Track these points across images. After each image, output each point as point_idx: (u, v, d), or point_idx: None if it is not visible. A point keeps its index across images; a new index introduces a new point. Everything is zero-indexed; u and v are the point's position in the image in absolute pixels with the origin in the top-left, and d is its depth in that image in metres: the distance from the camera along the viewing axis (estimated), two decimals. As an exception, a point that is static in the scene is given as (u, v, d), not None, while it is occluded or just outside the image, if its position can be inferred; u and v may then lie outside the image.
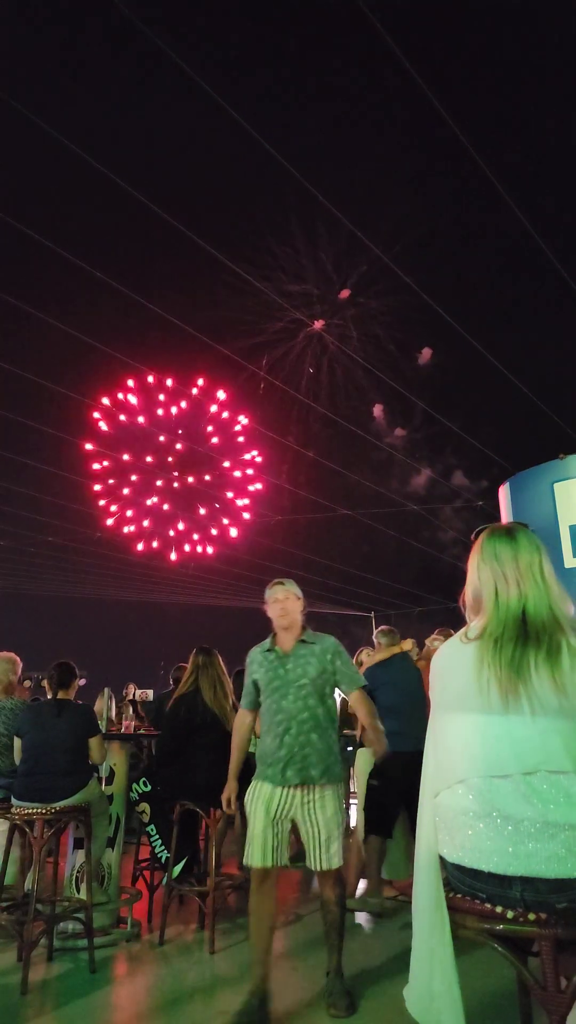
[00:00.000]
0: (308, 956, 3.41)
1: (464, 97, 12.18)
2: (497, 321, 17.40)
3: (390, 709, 4.36)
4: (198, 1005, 2.85)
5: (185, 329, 10.81)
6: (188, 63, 6.40)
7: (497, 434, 15.96)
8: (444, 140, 8.28)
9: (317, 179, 8.26)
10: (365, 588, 19.96)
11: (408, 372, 18.50)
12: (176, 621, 22.84)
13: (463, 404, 18.30)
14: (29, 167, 15.11)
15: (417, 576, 19.55)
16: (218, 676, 4.01)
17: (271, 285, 14.85)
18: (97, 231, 16.47)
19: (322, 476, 17.64)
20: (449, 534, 17.54)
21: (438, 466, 17.76)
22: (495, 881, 1.47)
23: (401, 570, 19.55)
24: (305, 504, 18.63)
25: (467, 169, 9.38)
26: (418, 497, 17.65)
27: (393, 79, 11.35)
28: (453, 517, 17.86)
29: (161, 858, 3.93)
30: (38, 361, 12.94)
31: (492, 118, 12.56)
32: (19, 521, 15.46)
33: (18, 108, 7.02)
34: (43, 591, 21.22)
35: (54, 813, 3.36)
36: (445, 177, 15.88)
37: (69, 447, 15.60)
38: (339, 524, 18.51)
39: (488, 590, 1.68)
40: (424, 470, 17.47)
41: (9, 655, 4.31)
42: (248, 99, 12.88)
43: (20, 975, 3.02)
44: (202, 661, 4.04)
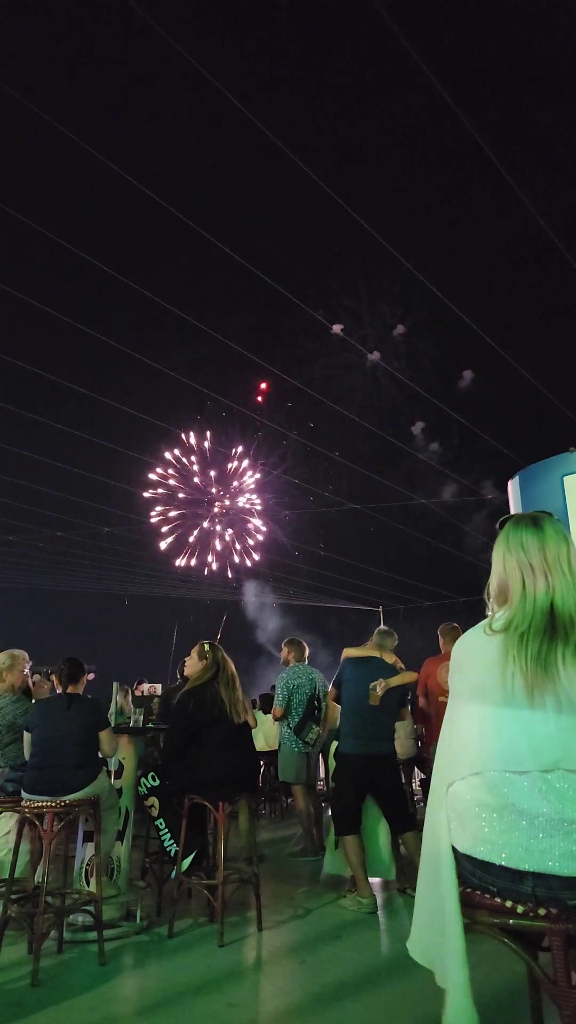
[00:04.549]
0: (317, 950, 3.42)
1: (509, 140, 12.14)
2: (504, 313, 17.28)
3: (348, 709, 4.36)
4: (208, 998, 2.85)
5: (260, 363, 11.50)
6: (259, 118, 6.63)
7: (506, 427, 15.88)
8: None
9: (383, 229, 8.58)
10: (374, 583, 19.96)
11: (413, 366, 18.39)
12: (185, 616, 22.89)
13: (471, 398, 18.19)
14: (138, 230, 15.36)
15: (426, 571, 19.51)
16: (230, 669, 4.01)
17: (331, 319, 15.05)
18: (187, 282, 16.86)
19: (336, 472, 17.65)
20: (458, 528, 17.45)
21: (446, 459, 17.66)
22: (507, 875, 1.46)
23: (410, 565, 19.51)
24: (317, 500, 18.64)
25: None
26: (427, 491, 17.57)
27: (450, 135, 11.35)
28: (462, 511, 17.76)
29: (170, 852, 3.94)
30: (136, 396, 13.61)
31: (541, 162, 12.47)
32: (31, 517, 15.64)
33: (138, 187, 7.30)
34: (55, 586, 21.37)
35: (64, 806, 3.37)
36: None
37: (83, 444, 15.77)
38: (347, 518, 18.50)
39: (514, 581, 1.64)
40: (432, 463, 17.37)
41: (14, 651, 4.31)
42: (325, 160, 13.22)
43: (31, 967, 3.03)
44: (221, 656, 4.04)
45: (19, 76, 11.97)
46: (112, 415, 14.54)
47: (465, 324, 10.19)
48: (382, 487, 16.84)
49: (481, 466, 15.78)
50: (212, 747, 3.79)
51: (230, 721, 3.85)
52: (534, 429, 14.95)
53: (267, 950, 3.45)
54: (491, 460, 13.98)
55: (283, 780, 5.95)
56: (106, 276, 9.26)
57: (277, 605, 22.74)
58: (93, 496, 16.37)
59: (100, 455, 15.72)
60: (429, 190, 17.76)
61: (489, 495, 15.75)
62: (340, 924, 3.79)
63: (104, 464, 16.06)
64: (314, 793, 5.96)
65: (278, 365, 13.78)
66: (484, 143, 6.57)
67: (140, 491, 18.19)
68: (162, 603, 24.29)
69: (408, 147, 17.29)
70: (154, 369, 12.17)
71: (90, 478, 15.45)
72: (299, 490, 19.27)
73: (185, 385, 13.16)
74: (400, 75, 9.95)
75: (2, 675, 4.21)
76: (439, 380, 17.76)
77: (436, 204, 17.88)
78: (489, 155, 6.62)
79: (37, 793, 3.44)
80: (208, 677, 3.95)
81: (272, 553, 19.99)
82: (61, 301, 13.00)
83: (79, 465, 15.29)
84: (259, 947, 3.47)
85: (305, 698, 5.74)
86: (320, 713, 5.91)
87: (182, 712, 3.88)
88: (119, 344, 11.29)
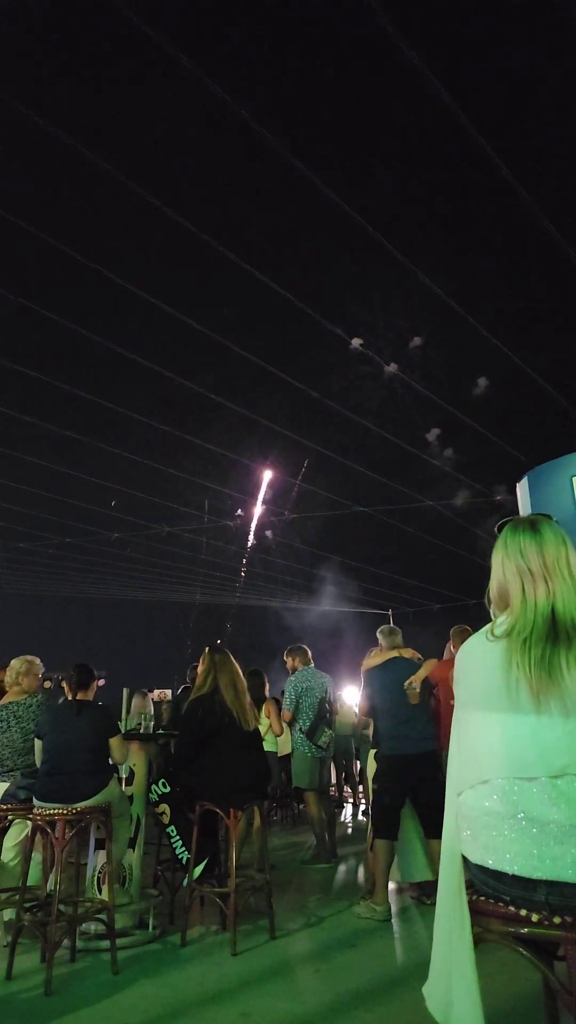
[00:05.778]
0: (331, 959, 3.39)
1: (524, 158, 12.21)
2: (510, 312, 17.23)
3: (386, 712, 4.34)
4: (221, 1007, 2.84)
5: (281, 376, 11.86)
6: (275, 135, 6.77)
7: (514, 427, 15.81)
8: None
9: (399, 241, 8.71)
10: (383, 586, 19.90)
11: (419, 365, 18.37)
12: (196, 620, 22.98)
13: (479, 397, 18.13)
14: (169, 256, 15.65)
15: (435, 573, 19.43)
16: (235, 675, 3.98)
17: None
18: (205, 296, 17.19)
19: (342, 474, 17.65)
20: (467, 530, 17.38)
21: (454, 460, 17.61)
22: (520, 884, 1.44)
23: (420, 568, 19.44)
24: (324, 502, 18.64)
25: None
26: (435, 493, 17.52)
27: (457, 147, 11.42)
28: (472, 513, 17.69)
29: (182, 859, 3.93)
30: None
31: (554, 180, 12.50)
32: (43, 524, 15.78)
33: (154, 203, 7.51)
34: (61, 592, 21.48)
35: (75, 814, 3.37)
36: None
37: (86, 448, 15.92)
38: (357, 521, 18.47)
39: (514, 587, 1.63)
40: (440, 464, 17.32)
41: (28, 657, 4.34)
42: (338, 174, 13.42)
43: (44, 976, 3.03)
44: (219, 660, 4.02)
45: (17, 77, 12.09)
46: (132, 427, 14.64)
47: (475, 329, 10.17)
48: (392, 491, 16.84)
49: (495, 470, 15.73)
50: (222, 754, 3.78)
51: (240, 728, 3.84)
52: (544, 432, 14.89)
53: (281, 959, 3.42)
54: (502, 463, 13.94)
55: (296, 786, 5.93)
56: (146, 303, 9.50)
57: (286, 609, 22.75)
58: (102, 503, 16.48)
59: (107, 461, 15.80)
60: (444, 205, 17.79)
61: (499, 496, 15.69)
62: (354, 932, 3.77)
63: (113, 471, 16.15)
64: (327, 799, 5.93)
65: (297, 377, 13.92)
66: (500, 162, 6.60)
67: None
68: (172, 608, 24.38)
69: (421, 162, 17.34)
70: (183, 386, 12.40)
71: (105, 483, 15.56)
72: (308, 493, 19.28)
73: (212, 401, 13.33)
74: (414, 91, 9.99)
75: (19, 680, 4.23)
76: (451, 387, 17.72)
77: (450, 215, 17.93)
78: (504, 171, 6.66)
79: (48, 800, 3.44)
80: (211, 684, 3.93)
81: (279, 556, 19.99)
82: (92, 322, 13.23)
83: (90, 471, 15.41)
84: (272, 956, 3.45)
85: (316, 701, 5.72)
86: (332, 716, 5.89)
87: (191, 719, 3.87)
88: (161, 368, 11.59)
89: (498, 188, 8.29)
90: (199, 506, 18.36)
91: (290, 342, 16.44)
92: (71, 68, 14.25)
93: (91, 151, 7.14)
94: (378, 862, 4.06)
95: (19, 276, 12.78)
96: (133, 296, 9.29)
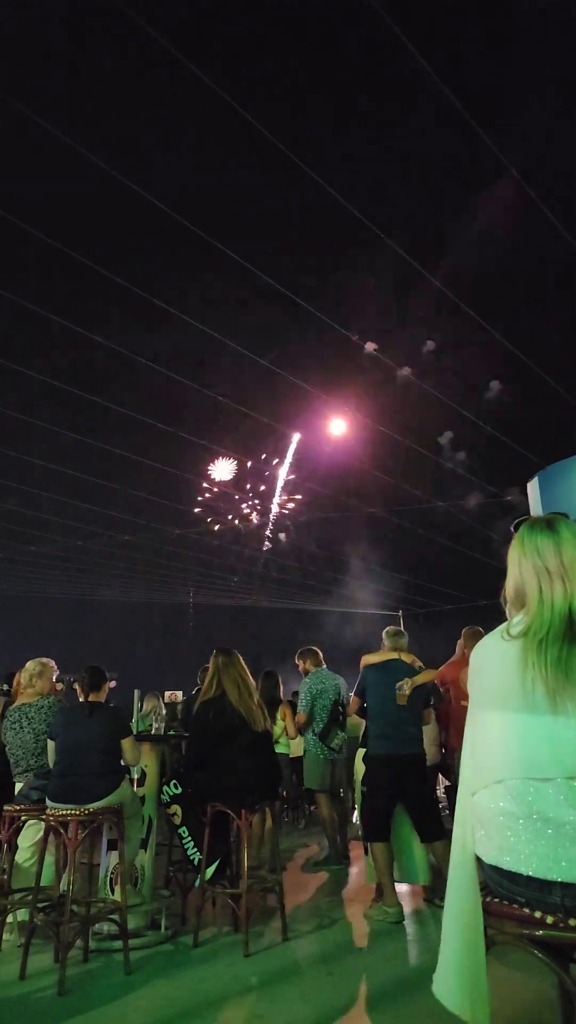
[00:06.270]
0: (344, 961, 3.38)
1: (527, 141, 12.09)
2: (520, 311, 17.12)
3: (375, 712, 4.32)
4: (234, 1009, 2.84)
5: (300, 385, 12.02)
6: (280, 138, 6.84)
7: (525, 426, 15.74)
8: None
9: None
10: (393, 587, 19.85)
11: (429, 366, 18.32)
12: (208, 622, 23.03)
13: (495, 406, 18.07)
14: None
15: (446, 574, 19.35)
16: (240, 676, 3.97)
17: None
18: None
19: (351, 475, 17.64)
20: (477, 530, 17.30)
21: (465, 460, 17.55)
22: (535, 885, 1.43)
23: (429, 568, 19.37)
24: (334, 504, 18.62)
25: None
26: (446, 494, 17.46)
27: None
28: (481, 512, 17.61)
29: (193, 860, 3.93)
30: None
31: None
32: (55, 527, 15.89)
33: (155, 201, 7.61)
34: (73, 595, 21.59)
35: (88, 814, 3.38)
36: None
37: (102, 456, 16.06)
38: (366, 522, 18.44)
39: (531, 587, 1.61)
40: (450, 465, 17.27)
41: (43, 659, 4.36)
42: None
43: (57, 976, 3.04)
44: (222, 663, 4.01)
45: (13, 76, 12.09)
46: (159, 437, 14.79)
47: (487, 333, 10.17)
48: (402, 493, 16.81)
49: (506, 471, 15.67)
50: (233, 755, 3.78)
51: (250, 729, 3.84)
52: (556, 433, 14.83)
53: (293, 960, 3.41)
54: (515, 465, 13.88)
55: (308, 787, 5.93)
56: (164, 312, 9.70)
57: (297, 610, 22.73)
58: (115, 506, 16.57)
59: (128, 466, 15.92)
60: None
61: (509, 497, 15.61)
62: (366, 934, 3.76)
63: (123, 473, 16.24)
64: (339, 800, 5.92)
65: (310, 381, 14.01)
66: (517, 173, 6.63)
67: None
68: (181, 609, 24.42)
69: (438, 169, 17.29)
70: (200, 391, 12.57)
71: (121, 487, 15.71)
72: (319, 497, 19.28)
73: (228, 407, 13.49)
74: (429, 103, 9.94)
75: (33, 682, 4.25)
76: (464, 390, 17.66)
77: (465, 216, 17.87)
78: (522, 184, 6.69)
79: (61, 801, 3.46)
80: (216, 687, 3.93)
81: (291, 558, 20.00)
82: (107, 330, 13.33)
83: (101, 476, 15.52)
84: (285, 957, 3.44)
85: (329, 703, 5.71)
86: (345, 719, 5.88)
87: (202, 721, 3.87)
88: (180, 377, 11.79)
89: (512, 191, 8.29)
90: (214, 509, 18.44)
91: (306, 346, 16.47)
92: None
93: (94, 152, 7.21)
94: (377, 865, 4.05)
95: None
96: (167, 312, 9.42)
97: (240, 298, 16.00)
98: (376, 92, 15.54)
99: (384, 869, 4.01)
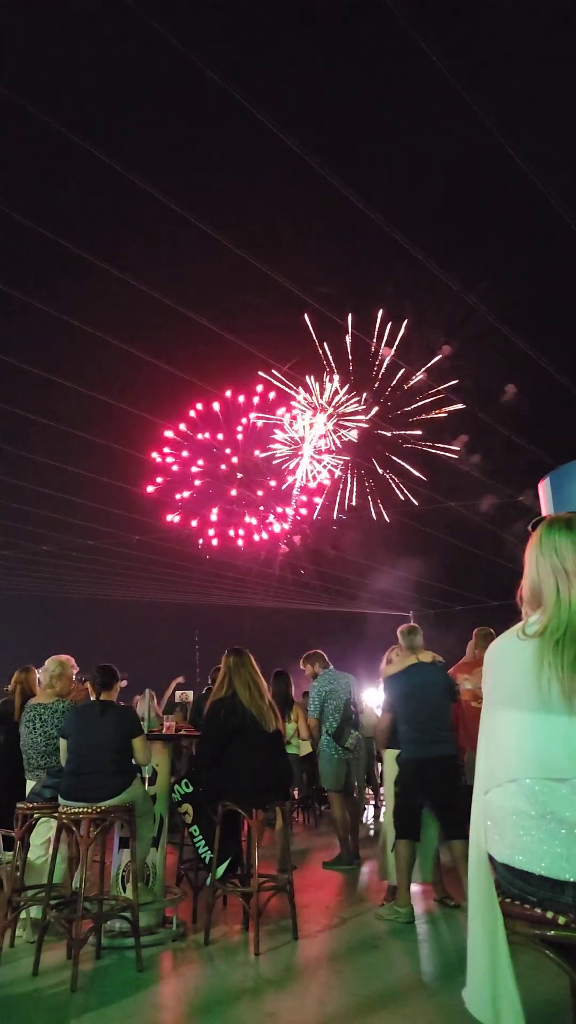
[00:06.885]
0: (355, 960, 3.38)
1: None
2: (530, 309, 17.03)
3: (406, 718, 4.32)
4: (245, 1007, 2.85)
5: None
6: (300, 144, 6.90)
7: (535, 426, 15.65)
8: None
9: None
10: (403, 588, 19.79)
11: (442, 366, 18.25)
12: (218, 622, 23.07)
13: (510, 407, 17.97)
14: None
15: (457, 575, 19.28)
16: (251, 676, 3.98)
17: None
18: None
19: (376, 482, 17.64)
20: (489, 532, 17.22)
21: (475, 461, 17.47)
22: (547, 885, 1.43)
23: (440, 569, 19.30)
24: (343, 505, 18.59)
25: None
26: (457, 494, 17.40)
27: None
28: (492, 512, 17.52)
29: (204, 859, 3.95)
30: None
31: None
32: (67, 528, 16.00)
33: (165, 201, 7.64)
34: (83, 594, 21.71)
35: (100, 812, 3.41)
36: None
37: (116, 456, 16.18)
38: (379, 523, 18.41)
39: (548, 586, 1.60)
40: (461, 466, 17.20)
41: (62, 657, 4.36)
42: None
43: (70, 972, 3.06)
44: (233, 663, 4.02)
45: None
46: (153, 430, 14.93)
47: (502, 335, 10.14)
48: (415, 494, 16.79)
49: (520, 473, 15.60)
50: (244, 754, 3.79)
51: (261, 728, 3.85)
52: (570, 434, 14.76)
53: (304, 959, 3.42)
54: (530, 466, 13.82)
55: (323, 786, 5.94)
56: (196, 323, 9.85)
57: (309, 611, 22.72)
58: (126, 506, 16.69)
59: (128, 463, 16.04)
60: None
61: (520, 497, 15.53)
62: (377, 934, 3.75)
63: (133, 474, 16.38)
64: (351, 801, 5.92)
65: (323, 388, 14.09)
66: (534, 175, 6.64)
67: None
68: (193, 609, 24.50)
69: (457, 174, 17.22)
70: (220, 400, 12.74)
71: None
72: (330, 499, 19.27)
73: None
74: (449, 110, 9.88)
75: (52, 682, 4.27)
76: (480, 393, 17.58)
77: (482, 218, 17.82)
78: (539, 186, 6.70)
79: (73, 799, 3.48)
80: (227, 687, 3.94)
81: (305, 560, 19.99)
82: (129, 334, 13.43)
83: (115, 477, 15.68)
84: (295, 956, 3.45)
85: (341, 703, 5.71)
86: (358, 717, 5.87)
87: (214, 720, 3.89)
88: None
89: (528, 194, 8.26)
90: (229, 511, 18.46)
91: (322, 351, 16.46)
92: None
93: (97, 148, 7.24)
94: (399, 864, 4.04)
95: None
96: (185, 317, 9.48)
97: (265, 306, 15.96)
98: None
99: (404, 868, 4.01)
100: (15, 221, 8.73)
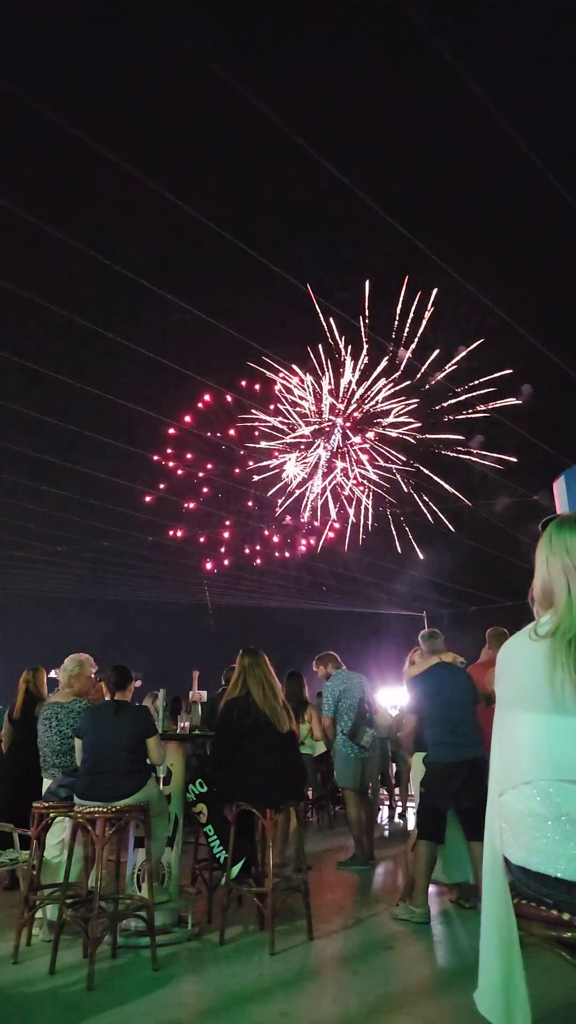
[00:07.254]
0: (370, 961, 3.38)
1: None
2: (539, 307, 16.88)
3: (434, 720, 4.30)
4: (260, 1007, 2.85)
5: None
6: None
7: (551, 425, 15.53)
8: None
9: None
10: (417, 588, 19.72)
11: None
12: (232, 622, 23.10)
13: (525, 406, 17.84)
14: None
15: (471, 575, 19.16)
16: (265, 677, 3.99)
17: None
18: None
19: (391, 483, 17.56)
20: (504, 532, 17.10)
21: (489, 459, 17.35)
22: (563, 887, 1.42)
23: (454, 569, 19.20)
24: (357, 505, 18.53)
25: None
26: (475, 495, 17.28)
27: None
28: (506, 512, 17.40)
29: (219, 858, 3.96)
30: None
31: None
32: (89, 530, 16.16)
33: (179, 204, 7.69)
34: (97, 594, 21.86)
35: (115, 812, 3.43)
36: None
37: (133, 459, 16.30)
38: (390, 522, 18.34)
39: (559, 586, 1.59)
40: (475, 466, 17.10)
41: (80, 656, 4.38)
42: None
43: (86, 971, 3.08)
44: (248, 663, 4.03)
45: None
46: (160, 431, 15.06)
47: (518, 334, 10.08)
48: (428, 493, 16.71)
49: (536, 473, 15.48)
50: (258, 754, 3.80)
51: (275, 729, 3.85)
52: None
53: (318, 959, 3.42)
54: (548, 466, 13.72)
55: (339, 785, 5.96)
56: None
57: (320, 611, 22.71)
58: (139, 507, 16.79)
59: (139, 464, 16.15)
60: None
61: (535, 496, 15.41)
62: (392, 934, 3.74)
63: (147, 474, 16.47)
64: (366, 800, 5.91)
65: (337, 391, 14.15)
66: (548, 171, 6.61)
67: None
68: (205, 609, 24.52)
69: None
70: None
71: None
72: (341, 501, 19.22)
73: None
74: (466, 111, 9.81)
75: (71, 682, 4.30)
76: (495, 392, 17.44)
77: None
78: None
79: (89, 799, 3.51)
80: (241, 687, 3.95)
81: (317, 559, 19.96)
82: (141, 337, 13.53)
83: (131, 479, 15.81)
84: (310, 956, 3.45)
85: (355, 702, 5.71)
86: (372, 716, 5.87)
87: (227, 720, 3.90)
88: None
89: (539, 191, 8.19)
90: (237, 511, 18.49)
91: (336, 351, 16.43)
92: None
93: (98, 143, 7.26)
94: (419, 864, 4.02)
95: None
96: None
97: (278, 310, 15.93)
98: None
99: (423, 869, 3.99)
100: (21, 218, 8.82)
